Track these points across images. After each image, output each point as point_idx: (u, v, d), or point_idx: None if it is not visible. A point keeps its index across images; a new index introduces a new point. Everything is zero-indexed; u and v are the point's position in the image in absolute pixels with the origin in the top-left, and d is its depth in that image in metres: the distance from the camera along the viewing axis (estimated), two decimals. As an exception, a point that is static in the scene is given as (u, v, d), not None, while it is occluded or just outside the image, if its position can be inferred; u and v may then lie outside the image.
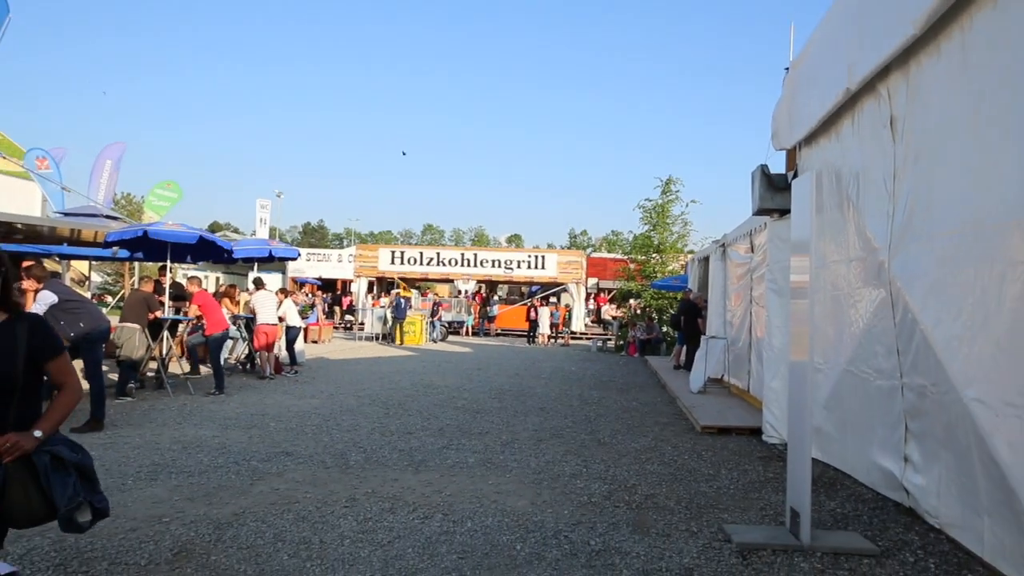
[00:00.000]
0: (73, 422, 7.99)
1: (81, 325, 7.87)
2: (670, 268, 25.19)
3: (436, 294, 33.19)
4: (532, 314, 27.10)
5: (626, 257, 27.79)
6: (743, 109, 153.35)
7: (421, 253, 32.75)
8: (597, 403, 11.29)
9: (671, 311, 23.33)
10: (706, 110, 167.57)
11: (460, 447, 7.61)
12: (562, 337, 28.06)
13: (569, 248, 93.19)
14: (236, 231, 77.63)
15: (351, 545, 4.56)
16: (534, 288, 33.52)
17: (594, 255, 41.02)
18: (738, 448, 7.96)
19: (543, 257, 31.66)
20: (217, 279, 33.22)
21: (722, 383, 12.73)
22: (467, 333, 29.98)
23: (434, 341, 25.21)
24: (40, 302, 7.67)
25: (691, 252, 24.27)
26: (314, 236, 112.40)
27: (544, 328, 26.70)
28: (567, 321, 28.83)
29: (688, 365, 14.35)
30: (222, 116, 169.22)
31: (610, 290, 32.42)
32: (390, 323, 24.09)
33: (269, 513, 5.14)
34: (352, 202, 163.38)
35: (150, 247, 11.74)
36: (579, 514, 5.36)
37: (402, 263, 32.11)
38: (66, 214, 17.06)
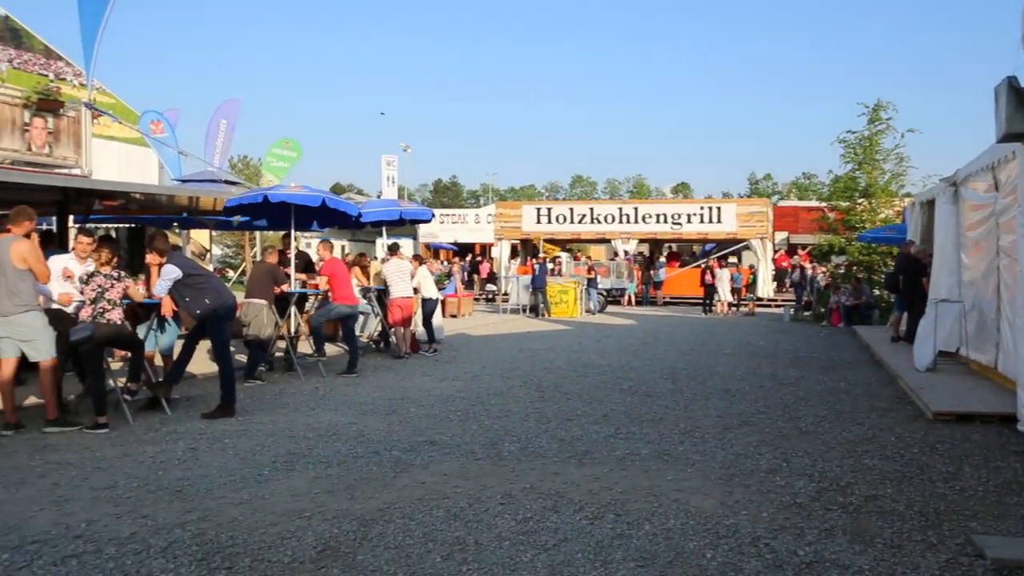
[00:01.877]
0: (203, 407, 8.69)
1: (207, 301, 8.48)
2: (882, 216, 23.81)
3: (590, 257, 33.21)
4: (708, 277, 26.54)
5: (824, 204, 26.53)
6: (973, 8, 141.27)
7: (571, 209, 32.83)
8: (795, 384, 10.92)
9: (885, 270, 22.08)
10: (921, 14, 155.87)
11: (630, 436, 7.60)
12: (746, 304, 27.33)
13: (750, 196, 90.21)
14: (360, 192, 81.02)
15: (511, 548, 4.67)
16: (708, 246, 32.80)
17: (782, 203, 39.49)
18: (984, 440, 7.45)
19: (718, 208, 30.87)
20: (343, 247, 34.89)
21: (957, 358, 11.94)
22: (629, 302, 29.84)
23: (591, 312, 25.29)
24: (164, 277, 8.33)
25: (909, 195, 22.80)
26: (446, 195, 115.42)
27: (724, 294, 26.10)
28: (751, 285, 28.01)
29: (910, 336, 13.55)
30: (339, 68, 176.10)
31: (805, 245, 31.12)
32: (534, 293, 24.37)
33: (416, 509, 5.36)
34: (488, 154, 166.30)
35: (272, 213, 12.45)
36: (781, 518, 5.22)
37: (549, 221, 32.33)
38: (183, 180, 18.43)
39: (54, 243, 9.90)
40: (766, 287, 29.30)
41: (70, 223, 12.36)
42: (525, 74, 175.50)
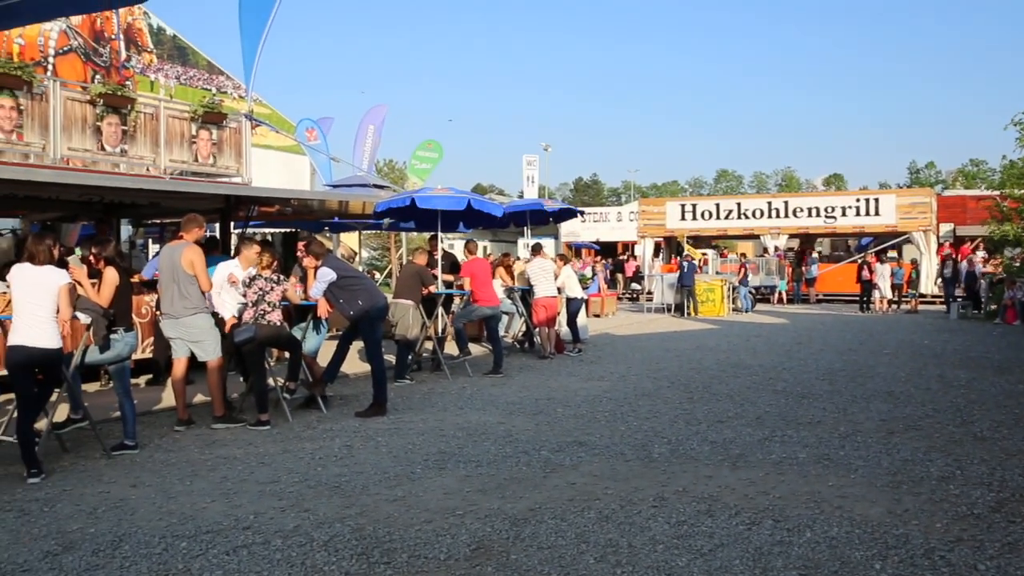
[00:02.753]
0: (356, 406, 9.02)
1: (360, 303, 8.81)
2: (1064, 203, 22.04)
3: (744, 255, 32.37)
4: (866, 273, 25.35)
5: (996, 192, 24.82)
6: None
7: (717, 205, 32.14)
8: (966, 386, 10.28)
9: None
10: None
11: (786, 439, 7.37)
12: (907, 301, 25.94)
13: (910, 187, 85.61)
14: (501, 193, 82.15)
15: (665, 552, 4.62)
16: (865, 240, 31.32)
17: (947, 193, 37.25)
18: None
19: (876, 200, 29.44)
20: (484, 248, 35.46)
21: None
22: (779, 300, 28.92)
23: (744, 311, 24.67)
24: (320, 279, 8.71)
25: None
26: (587, 193, 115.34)
27: (884, 290, 24.87)
28: (913, 281, 26.58)
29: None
30: (479, 69, 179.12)
31: (973, 237, 29.23)
32: (680, 291, 23.98)
33: (568, 510, 5.38)
34: (629, 151, 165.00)
35: (420, 216, 12.79)
36: (957, 529, 4.92)
37: (694, 218, 31.76)
38: (334, 186, 19.21)
39: (218, 249, 10.52)
40: (929, 283, 27.71)
41: (231, 229, 13.10)
42: (664, 70, 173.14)
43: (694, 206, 32.34)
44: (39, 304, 6.21)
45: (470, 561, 4.52)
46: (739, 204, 31.96)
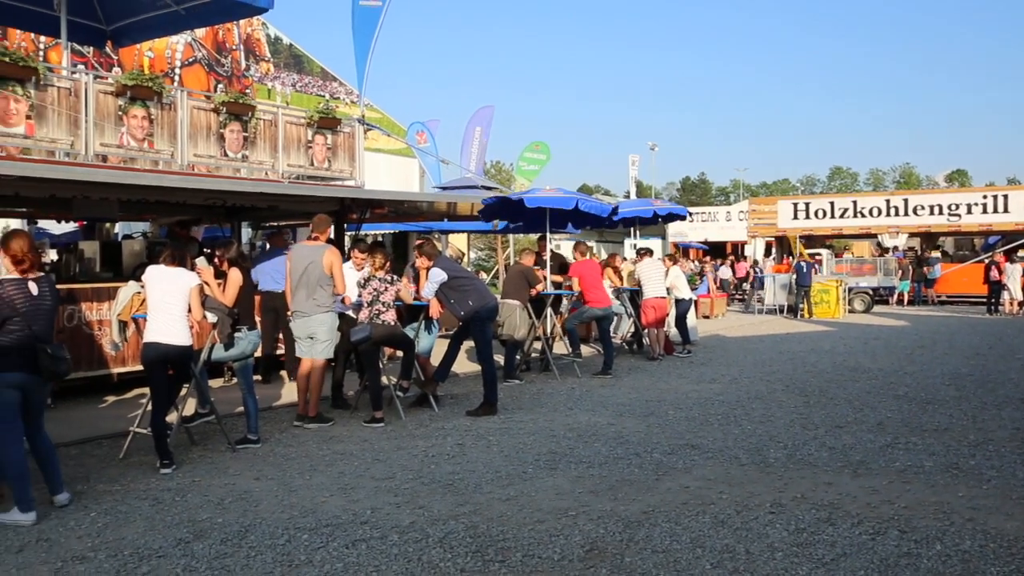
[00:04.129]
0: (467, 405, 9.13)
1: (470, 303, 8.92)
2: None
3: (854, 253, 31.30)
4: (994, 273, 24.10)
5: None
6: None
7: (832, 203, 31.12)
8: (1109, 394, 9.66)
9: None
10: None
11: (910, 447, 7.08)
12: (1040, 303, 24.53)
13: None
14: (607, 193, 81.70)
15: (784, 560, 4.51)
16: (992, 239, 29.78)
17: (1085, 188, 35.06)
18: None
19: (1004, 196, 27.96)
20: (591, 248, 35.40)
21: None
22: (899, 302, 27.81)
23: (862, 311, 23.84)
24: (432, 280, 8.86)
25: None
26: (694, 192, 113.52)
27: (1015, 292, 23.60)
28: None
29: None
30: (586, 69, 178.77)
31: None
32: (795, 292, 23.35)
33: (682, 514, 5.31)
34: (737, 149, 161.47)
35: (528, 216, 12.85)
36: (1103, 546, 4.63)
37: (807, 217, 30.85)
38: (443, 188, 19.52)
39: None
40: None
41: (344, 231, 13.45)
42: (772, 66, 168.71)
43: (807, 204, 31.42)
44: (172, 303, 6.53)
45: (584, 562, 4.52)
46: (855, 202, 30.86)
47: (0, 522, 5.21)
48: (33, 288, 5.39)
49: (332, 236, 8.87)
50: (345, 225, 12.94)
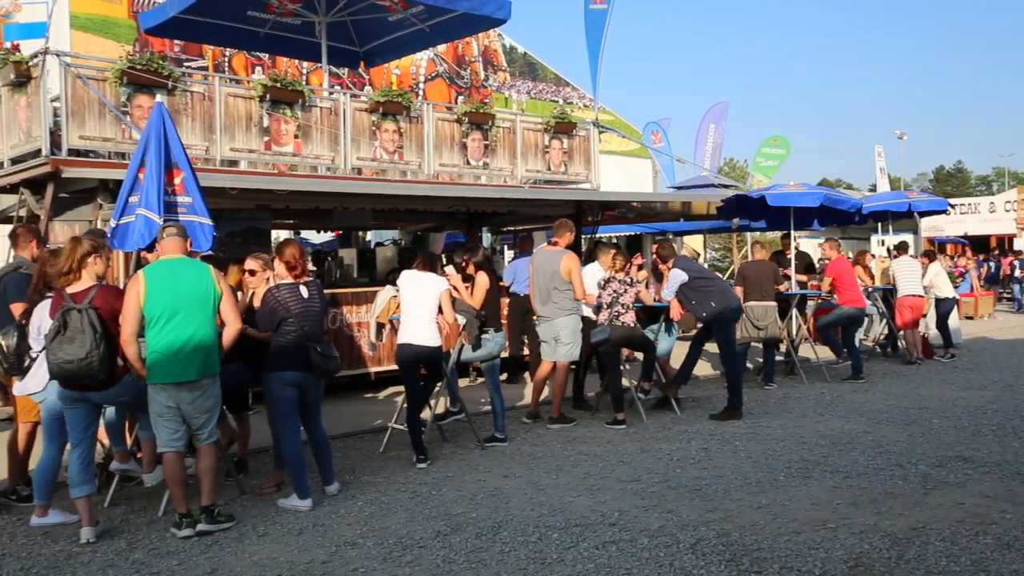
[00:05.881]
0: (709, 408, 8.91)
1: (712, 304, 8.69)
2: None
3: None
4: None
5: None
6: None
7: (1121, 188, 27.53)
8: None
9: None
10: None
11: None
12: None
13: None
14: (850, 187, 77.07)
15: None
16: None
17: None
18: None
19: None
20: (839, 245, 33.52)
21: None
22: None
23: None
24: (672, 280, 8.74)
25: None
26: (950, 183, 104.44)
27: None
28: None
29: None
30: (823, 59, 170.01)
31: None
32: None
33: (957, 533, 4.87)
34: (999, 133, 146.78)
35: (770, 214, 12.36)
36: None
37: (1090, 205, 27.50)
38: (678, 187, 19.24)
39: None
40: None
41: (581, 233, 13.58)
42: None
43: (1090, 191, 28.00)
44: (424, 307, 6.88)
45: (849, 579, 4.25)
46: None
47: (282, 506, 5.70)
48: (304, 292, 5.86)
49: (573, 241, 8.92)
50: (582, 228, 13.07)
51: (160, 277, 5.17)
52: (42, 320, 5.38)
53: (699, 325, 9.70)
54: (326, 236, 18.42)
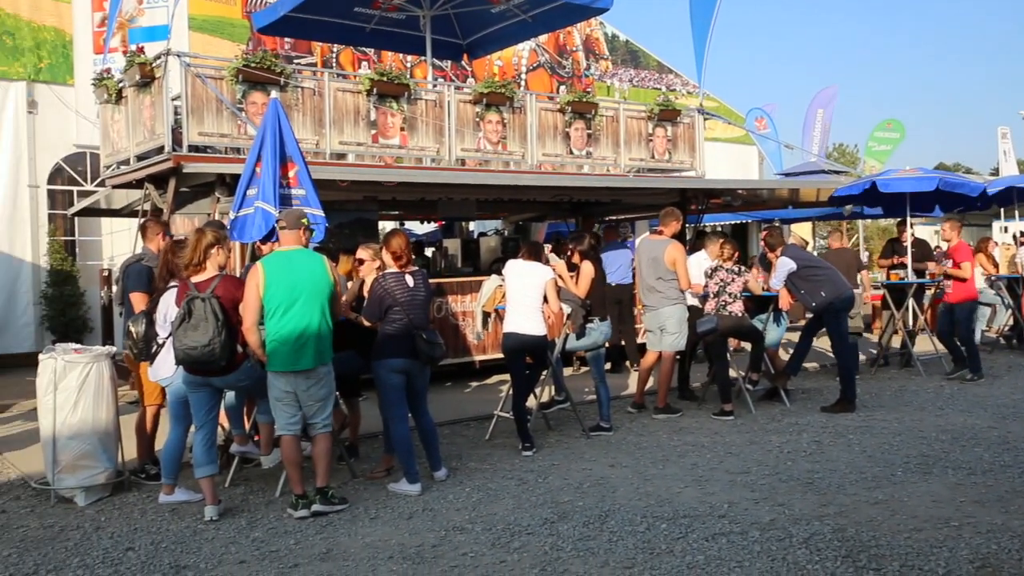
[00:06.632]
0: (820, 400, 8.66)
1: (823, 294, 8.44)
2: None
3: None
4: None
5: None
6: None
7: None
8: None
9: None
10: None
11: None
12: None
13: None
14: (968, 171, 73.52)
15: None
16: None
17: None
18: None
19: None
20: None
21: None
22: None
23: None
24: (780, 269, 8.52)
25: None
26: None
27: None
28: None
29: None
30: (938, 37, 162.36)
31: None
32: None
33: (1095, 535, 4.60)
34: None
35: (885, 200, 11.89)
36: None
37: None
38: (785, 174, 18.70)
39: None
40: None
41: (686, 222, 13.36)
42: None
43: None
44: (530, 296, 6.90)
45: (977, 579, 4.07)
46: None
47: (392, 491, 5.83)
48: (409, 280, 5.96)
49: (679, 230, 8.78)
50: (686, 217, 12.87)
51: (278, 268, 5.34)
52: (168, 308, 5.65)
53: (808, 315, 9.44)
54: (429, 227, 18.67)
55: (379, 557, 4.61)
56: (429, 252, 14.80)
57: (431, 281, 6.68)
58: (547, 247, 8.70)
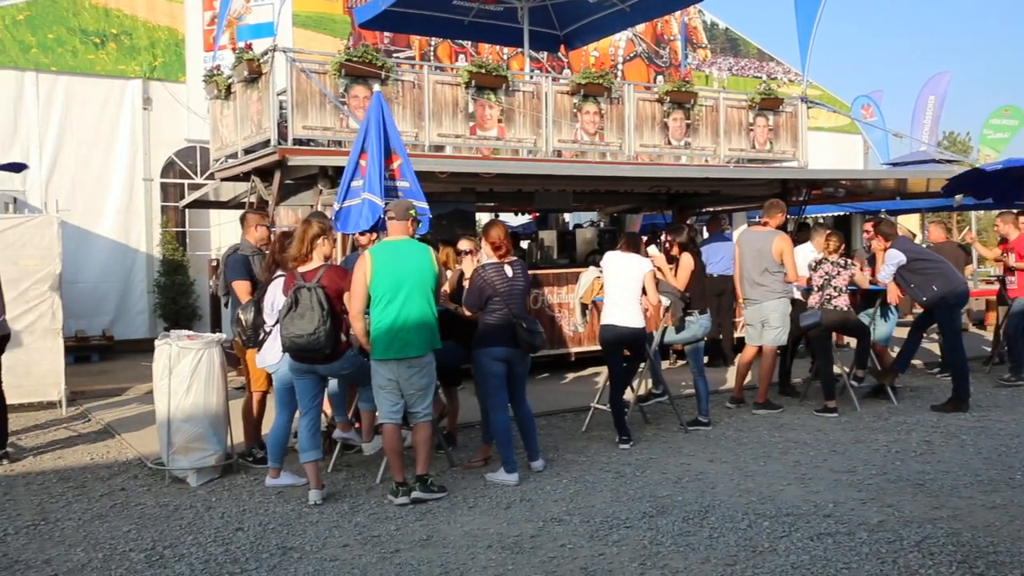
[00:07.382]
0: (929, 399, 8.33)
1: (934, 288, 8.09)
2: None
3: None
4: None
5: None
6: None
7: None
8: None
9: None
10: None
11: None
12: None
13: None
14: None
15: None
16: None
17: None
18: None
19: None
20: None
21: None
22: None
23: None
24: (888, 262, 8.20)
25: None
26: None
27: None
28: None
29: None
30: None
31: None
32: None
33: None
34: None
35: (997, 190, 11.32)
36: None
37: None
38: (893, 164, 18.02)
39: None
40: None
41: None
42: None
43: None
44: (628, 288, 6.84)
45: (1104, 591, 3.85)
46: None
47: (489, 480, 5.87)
48: (508, 271, 5.98)
49: (783, 222, 8.57)
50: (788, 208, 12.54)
51: (386, 257, 5.43)
52: (275, 297, 5.81)
53: (916, 310, 9.06)
54: (523, 219, 18.69)
55: (478, 546, 4.66)
56: (525, 244, 14.81)
57: (528, 272, 6.69)
58: (643, 239, 8.58)
